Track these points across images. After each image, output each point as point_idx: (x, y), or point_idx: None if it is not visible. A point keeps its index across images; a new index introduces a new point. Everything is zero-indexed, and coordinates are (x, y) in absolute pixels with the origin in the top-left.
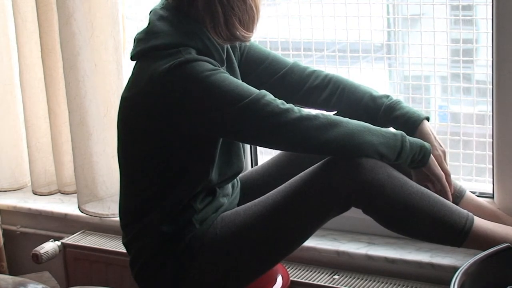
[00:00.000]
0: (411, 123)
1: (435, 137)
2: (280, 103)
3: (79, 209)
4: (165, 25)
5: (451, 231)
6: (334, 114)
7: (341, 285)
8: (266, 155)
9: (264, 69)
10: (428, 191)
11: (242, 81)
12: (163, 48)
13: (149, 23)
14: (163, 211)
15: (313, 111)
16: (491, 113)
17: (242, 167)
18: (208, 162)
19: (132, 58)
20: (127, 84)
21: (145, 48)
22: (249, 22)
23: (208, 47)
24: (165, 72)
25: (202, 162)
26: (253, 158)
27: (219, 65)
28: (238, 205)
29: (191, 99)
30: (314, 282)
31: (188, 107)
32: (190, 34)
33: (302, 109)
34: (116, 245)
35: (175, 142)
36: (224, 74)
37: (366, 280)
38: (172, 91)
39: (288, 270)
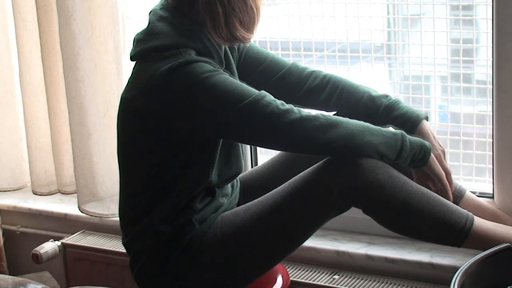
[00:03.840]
0: (410, 123)
1: (434, 137)
2: (280, 103)
3: (79, 209)
4: (165, 25)
5: (451, 231)
6: (333, 115)
7: (341, 285)
8: (266, 155)
9: (263, 70)
10: (428, 191)
11: (241, 82)
12: (163, 49)
13: (149, 24)
14: (163, 211)
15: (313, 112)
16: (491, 113)
17: (241, 167)
18: (208, 164)
19: (131, 59)
20: (126, 85)
21: (145, 49)
22: (249, 23)
23: (208, 48)
24: (165, 73)
25: (202, 164)
26: (253, 158)
27: (219, 66)
28: (238, 205)
29: (191, 100)
30: (314, 282)
31: (188, 109)
32: (190, 35)
33: (302, 109)
34: (116, 245)
35: (175, 143)
36: (223, 75)
37: (366, 280)
38: (171, 93)
39: (288, 270)
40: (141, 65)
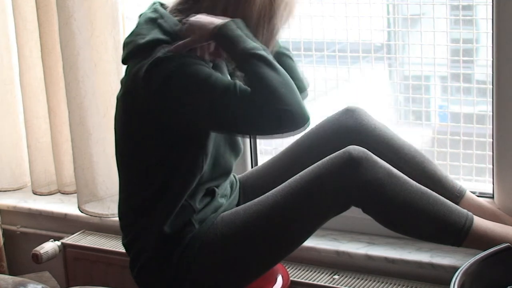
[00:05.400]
0: None
1: None
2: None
3: (79, 209)
4: (152, 26)
5: (451, 231)
6: None
7: (341, 285)
8: (266, 155)
9: None
10: (428, 190)
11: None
12: (146, 46)
13: (136, 26)
14: (163, 211)
15: None
16: (491, 113)
17: (241, 150)
18: (201, 154)
19: (123, 62)
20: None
21: (132, 49)
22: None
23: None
24: (145, 70)
25: (195, 155)
26: (253, 158)
27: (201, 60)
28: (238, 205)
29: (167, 93)
30: (314, 282)
31: (167, 102)
32: (176, 32)
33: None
34: (116, 245)
35: (165, 138)
36: (199, 66)
37: (366, 280)
38: (150, 88)
39: (288, 270)
40: (130, 65)
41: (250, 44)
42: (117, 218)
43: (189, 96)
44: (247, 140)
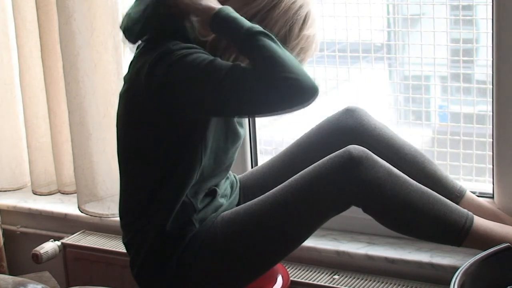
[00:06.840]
0: None
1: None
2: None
3: (79, 209)
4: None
5: (451, 230)
6: None
7: (341, 285)
8: (266, 155)
9: None
10: (428, 190)
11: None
12: (150, 42)
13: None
14: (163, 209)
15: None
16: (491, 113)
17: (241, 140)
18: (201, 147)
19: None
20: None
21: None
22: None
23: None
24: (149, 66)
25: (194, 149)
26: (253, 159)
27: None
28: (238, 205)
29: (170, 81)
30: (314, 282)
31: (166, 91)
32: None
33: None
34: (116, 245)
35: (166, 134)
36: (201, 54)
37: (366, 280)
38: (151, 81)
39: (288, 270)
40: (134, 62)
41: (253, 24)
42: (117, 218)
43: (192, 80)
44: (247, 140)
